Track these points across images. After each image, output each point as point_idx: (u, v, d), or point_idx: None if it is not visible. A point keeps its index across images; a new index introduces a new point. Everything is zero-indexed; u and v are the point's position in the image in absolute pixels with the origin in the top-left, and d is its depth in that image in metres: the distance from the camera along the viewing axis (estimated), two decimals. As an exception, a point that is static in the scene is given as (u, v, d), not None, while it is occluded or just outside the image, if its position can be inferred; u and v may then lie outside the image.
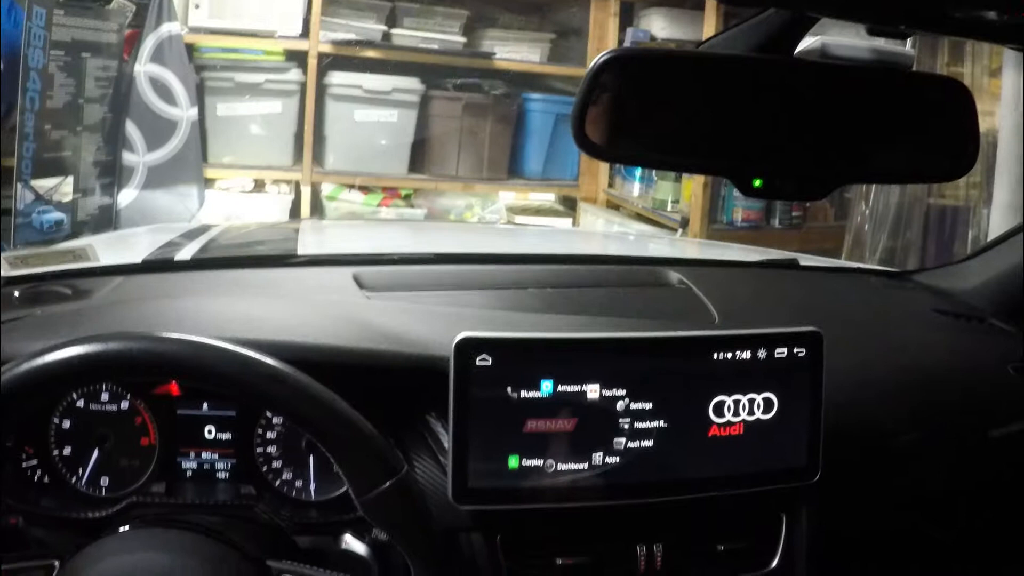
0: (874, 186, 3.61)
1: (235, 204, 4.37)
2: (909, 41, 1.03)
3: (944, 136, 1.06)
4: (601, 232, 4.34)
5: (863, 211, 3.68)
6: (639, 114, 0.98)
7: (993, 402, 1.51)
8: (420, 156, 4.65)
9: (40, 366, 0.97)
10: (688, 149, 0.99)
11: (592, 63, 0.94)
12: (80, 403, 1.28)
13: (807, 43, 0.99)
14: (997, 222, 3.06)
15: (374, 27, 4.46)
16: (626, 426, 1.19)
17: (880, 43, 0.98)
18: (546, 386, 1.16)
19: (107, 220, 3.92)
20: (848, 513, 1.36)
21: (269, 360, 1.02)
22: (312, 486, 1.31)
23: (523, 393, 1.15)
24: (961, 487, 1.46)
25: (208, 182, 4.30)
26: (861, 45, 0.98)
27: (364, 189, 4.58)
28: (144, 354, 1.00)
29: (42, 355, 0.98)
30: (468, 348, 1.13)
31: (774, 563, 1.28)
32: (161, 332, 1.04)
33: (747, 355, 1.22)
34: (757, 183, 0.99)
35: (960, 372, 1.54)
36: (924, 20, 0.97)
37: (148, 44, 3.90)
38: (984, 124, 1.09)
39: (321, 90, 4.43)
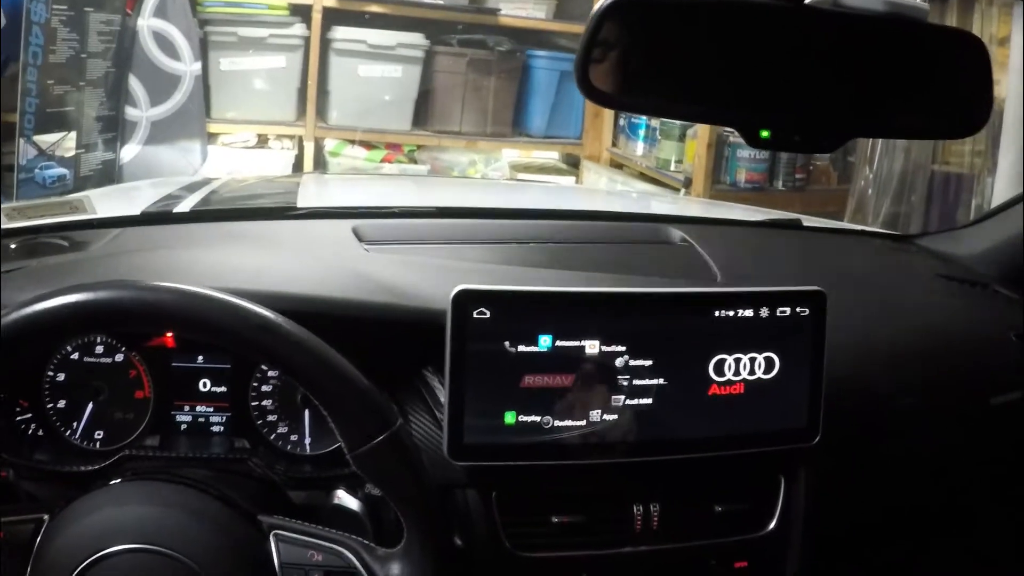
0: (878, 150, 3.60)
1: (238, 159, 4.37)
2: (920, -3, 1.01)
3: (957, 91, 1.04)
4: (604, 190, 4.32)
5: (867, 175, 3.67)
6: (644, 61, 0.96)
7: (995, 368, 1.51)
8: (424, 112, 4.65)
9: (28, 315, 0.96)
10: (693, 97, 0.97)
11: (597, 7, 0.92)
12: (74, 356, 1.27)
13: (820, -10, 0.97)
14: (1001, 190, 3.05)
15: (379, -19, 4.43)
16: (625, 383, 1.17)
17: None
18: (544, 341, 1.14)
19: (110, 175, 3.92)
20: (846, 477, 1.35)
21: (262, 310, 1.01)
22: (307, 440, 1.31)
23: (521, 347, 1.14)
24: (961, 453, 1.46)
25: (211, 137, 4.31)
26: (874, -6, 0.96)
27: (367, 145, 4.57)
28: (134, 303, 0.98)
29: (31, 304, 0.96)
30: (465, 300, 1.12)
31: (771, 525, 1.28)
32: (154, 282, 1.02)
33: (749, 313, 1.21)
34: (765, 134, 0.97)
35: (962, 338, 1.53)
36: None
37: (151, -2, 3.89)
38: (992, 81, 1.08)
39: (325, 45, 4.41)
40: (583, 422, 1.17)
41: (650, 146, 4.31)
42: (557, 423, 1.16)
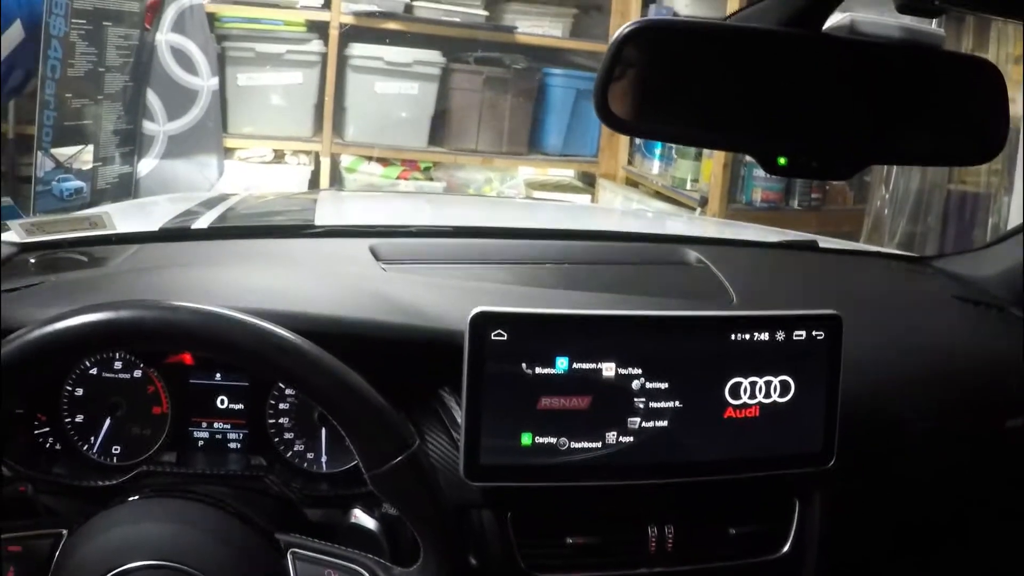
0: (894, 170, 3.59)
1: (255, 174, 4.38)
2: (935, 21, 1.01)
3: (974, 118, 1.04)
4: (619, 209, 4.32)
5: (883, 195, 3.66)
6: (663, 87, 0.97)
7: (1011, 391, 1.50)
8: (440, 129, 4.65)
9: (52, 333, 0.97)
10: (711, 124, 0.98)
11: (616, 33, 0.92)
12: (93, 371, 1.28)
13: (836, 19, 0.97)
14: (1018, 209, 3.04)
15: (396, -1, 4.45)
16: (641, 405, 1.18)
17: (910, 21, 0.96)
18: (561, 363, 1.15)
19: (126, 189, 3.93)
20: (861, 500, 1.35)
21: (282, 331, 1.01)
22: (323, 458, 1.31)
23: (538, 369, 1.14)
24: (976, 475, 1.45)
25: (228, 152, 4.31)
26: (891, 23, 0.97)
27: (383, 161, 4.58)
28: (156, 323, 0.99)
29: (54, 322, 0.97)
30: (483, 322, 1.12)
31: (786, 548, 1.28)
32: (175, 301, 1.03)
33: (765, 337, 1.21)
34: (782, 161, 0.97)
35: (978, 360, 1.53)
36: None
37: (170, 13, 3.91)
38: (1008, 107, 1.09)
39: (342, 61, 4.43)
40: (599, 444, 1.17)
41: (666, 165, 4.31)
42: (573, 444, 1.16)
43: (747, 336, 1.20)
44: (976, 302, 1.69)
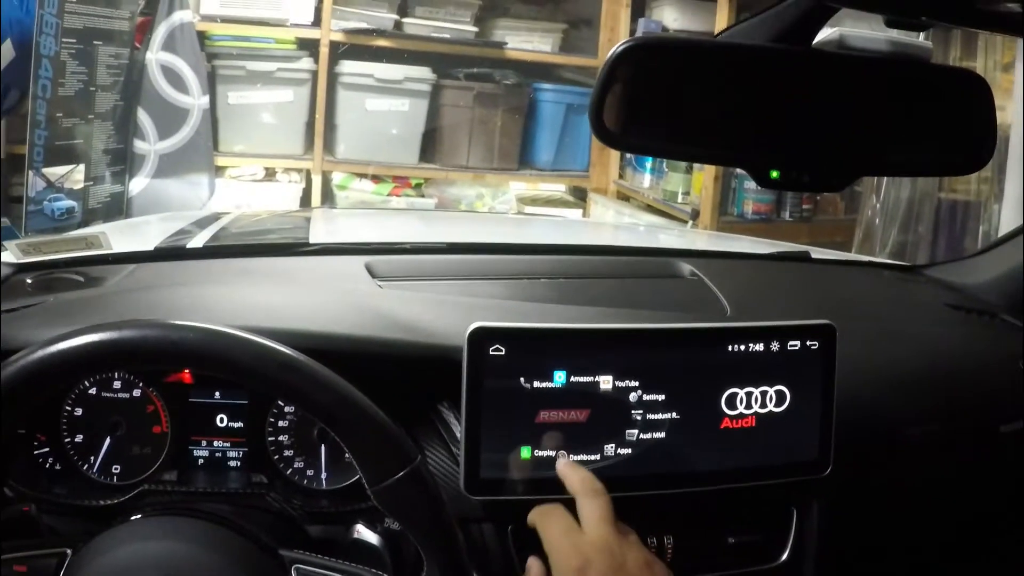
0: (885, 180, 3.61)
1: (246, 192, 4.39)
2: (923, 34, 1.02)
3: (962, 129, 1.05)
4: (612, 223, 4.34)
5: (874, 205, 3.68)
6: (657, 104, 0.97)
7: (1003, 397, 1.51)
8: (431, 145, 4.66)
9: (55, 353, 0.97)
10: (705, 139, 0.99)
11: (611, 52, 0.93)
12: (92, 390, 1.28)
13: (825, 34, 0.99)
14: (1008, 217, 3.06)
15: (385, 16, 4.46)
16: (638, 418, 1.19)
17: (898, 35, 0.98)
18: (559, 377, 1.15)
19: (118, 208, 3.94)
20: (857, 507, 1.35)
21: (284, 348, 1.02)
22: (324, 475, 1.31)
23: (536, 384, 1.15)
24: (970, 481, 1.46)
25: (219, 170, 4.32)
26: (879, 37, 0.98)
27: (375, 178, 4.59)
28: (159, 342, 1.00)
29: (56, 342, 0.98)
30: (481, 338, 1.13)
31: (784, 556, 1.28)
32: (175, 320, 1.03)
33: (760, 347, 1.22)
34: (774, 175, 0.98)
35: (970, 367, 1.54)
36: (947, 12, 0.97)
37: (160, 32, 3.92)
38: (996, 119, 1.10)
39: (332, 79, 4.44)
40: (597, 456, 1.18)
41: (657, 178, 4.32)
42: (572, 457, 1.17)
43: (742, 347, 1.21)
44: (968, 309, 1.70)
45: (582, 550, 1.07)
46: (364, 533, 1.19)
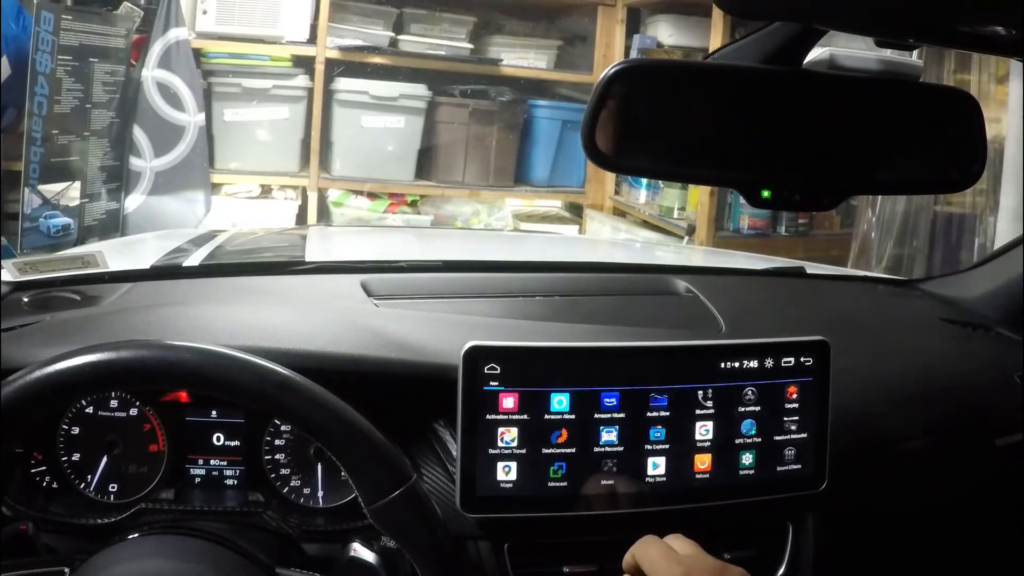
0: (881, 195, 3.61)
1: (242, 209, 4.39)
2: (914, 52, 1.03)
3: (952, 147, 1.06)
4: (608, 240, 4.34)
5: (869, 219, 3.68)
6: (649, 125, 0.98)
7: (999, 411, 1.51)
8: (427, 162, 4.66)
9: (54, 373, 0.98)
10: (697, 160, 0.99)
11: (603, 74, 0.94)
12: (89, 409, 1.28)
13: (815, 54, 0.99)
14: (1004, 230, 3.06)
15: (381, 33, 4.47)
16: (634, 434, 1.19)
17: (888, 54, 0.98)
18: (554, 394, 1.16)
19: (114, 225, 3.95)
20: (854, 521, 1.36)
21: (280, 368, 1.03)
22: (320, 493, 1.32)
23: (531, 402, 1.15)
24: (967, 496, 1.46)
25: (215, 187, 4.32)
26: (869, 56, 0.98)
27: (371, 195, 4.59)
28: (157, 362, 1.00)
29: (55, 362, 0.98)
30: (476, 356, 1.13)
31: (780, 571, 1.28)
32: (172, 340, 1.04)
33: (755, 364, 1.22)
34: (765, 194, 0.99)
35: (966, 381, 1.54)
36: (932, 34, 0.97)
37: (156, 49, 3.93)
38: (991, 131, 1.10)
39: (328, 96, 4.44)
40: (593, 472, 1.18)
41: (653, 194, 4.33)
42: (568, 475, 1.18)
43: (737, 364, 1.22)
44: (964, 323, 1.70)
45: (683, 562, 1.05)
46: (360, 551, 1.20)
